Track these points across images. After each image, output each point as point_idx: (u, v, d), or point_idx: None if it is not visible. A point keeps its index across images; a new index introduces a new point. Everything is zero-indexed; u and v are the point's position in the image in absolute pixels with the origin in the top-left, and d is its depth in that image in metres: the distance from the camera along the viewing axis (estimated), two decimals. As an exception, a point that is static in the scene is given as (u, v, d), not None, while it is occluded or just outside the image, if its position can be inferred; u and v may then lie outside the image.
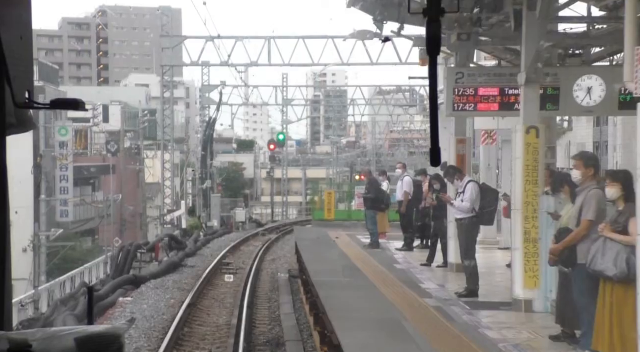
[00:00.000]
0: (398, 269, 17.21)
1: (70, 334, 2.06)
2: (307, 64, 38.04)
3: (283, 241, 39.21)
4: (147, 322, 17.82)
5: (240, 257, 31.82)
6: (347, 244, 22.83)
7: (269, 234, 43.36)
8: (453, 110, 15.36)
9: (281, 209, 69.38)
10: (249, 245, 37.17)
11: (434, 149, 2.22)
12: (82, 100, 2.40)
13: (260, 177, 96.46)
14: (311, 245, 22.36)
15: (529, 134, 12.01)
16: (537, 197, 11.90)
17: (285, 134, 59.52)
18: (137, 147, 55.52)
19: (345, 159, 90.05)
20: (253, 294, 22.20)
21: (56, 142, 42.58)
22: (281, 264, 28.94)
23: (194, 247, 32.09)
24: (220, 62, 38.22)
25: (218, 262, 28.62)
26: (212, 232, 42.65)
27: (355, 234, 26.11)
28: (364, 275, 16.16)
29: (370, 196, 20.81)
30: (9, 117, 2.24)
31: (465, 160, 16.42)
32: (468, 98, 15.25)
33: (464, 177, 13.71)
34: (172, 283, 24.25)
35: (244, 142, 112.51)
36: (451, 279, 15.82)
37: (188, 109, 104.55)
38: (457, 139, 16.51)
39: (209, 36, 36.92)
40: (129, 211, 54.31)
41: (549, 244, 11.08)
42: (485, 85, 15.18)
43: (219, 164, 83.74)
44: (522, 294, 12.00)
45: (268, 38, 37.63)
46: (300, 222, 53.08)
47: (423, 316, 11.80)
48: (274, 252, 33.40)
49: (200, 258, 30.97)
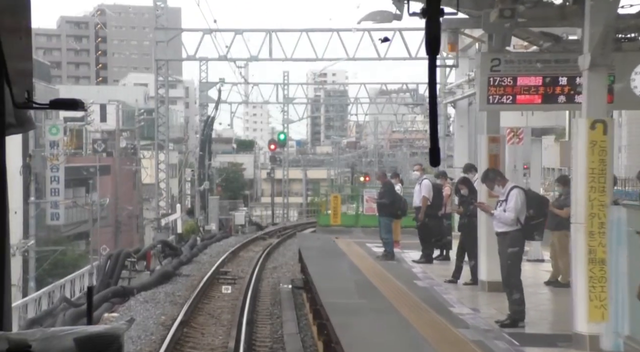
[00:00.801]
0: (420, 287, 14.80)
1: (70, 335, 2.08)
2: (311, 59, 35.54)
3: (285, 246, 36.80)
4: (132, 345, 15.45)
5: (239, 264, 29.42)
6: (357, 253, 20.42)
7: (270, 239, 40.97)
8: (488, 104, 12.96)
9: (282, 211, 66.93)
10: (249, 251, 34.77)
11: (434, 149, 2.23)
12: (81, 101, 2.39)
13: (260, 178, 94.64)
14: (318, 255, 19.96)
15: (594, 129, 9.61)
16: (605, 208, 9.52)
17: (287, 134, 57.06)
18: (134, 147, 53.03)
19: (346, 159, 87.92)
20: (253, 308, 19.82)
21: (47, 142, 40.12)
22: (283, 273, 26.55)
23: (190, 254, 29.60)
24: (219, 56, 35.71)
25: (215, 271, 26.27)
26: (210, 236, 40.14)
27: (364, 241, 23.71)
28: (381, 295, 13.77)
29: (385, 201, 18.39)
30: (8, 117, 2.26)
31: (498, 162, 14.01)
32: (506, 89, 12.85)
33: (506, 183, 11.29)
34: (164, 296, 21.84)
35: (244, 142, 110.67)
36: (485, 301, 13.43)
37: (188, 109, 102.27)
38: (489, 137, 14.07)
39: (207, 29, 34.43)
40: (127, 212, 51.91)
41: (621, 265, 8.74)
42: (526, 74, 12.78)
43: (218, 165, 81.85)
44: (586, 328, 9.60)
45: (269, 31, 35.08)
46: (302, 226, 50.74)
47: (464, 355, 9.43)
48: (275, 259, 31.00)
49: (197, 266, 28.55)
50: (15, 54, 2.23)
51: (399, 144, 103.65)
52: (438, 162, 2.21)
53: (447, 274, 16.57)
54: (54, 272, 37.66)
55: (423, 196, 17.96)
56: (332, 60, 35.21)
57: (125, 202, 51.77)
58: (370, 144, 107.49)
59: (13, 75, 2.21)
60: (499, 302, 12.24)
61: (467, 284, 14.91)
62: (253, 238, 40.33)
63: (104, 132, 57.35)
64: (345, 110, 75.55)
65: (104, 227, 51.84)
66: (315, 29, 35.71)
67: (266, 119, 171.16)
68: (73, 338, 2.05)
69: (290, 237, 41.76)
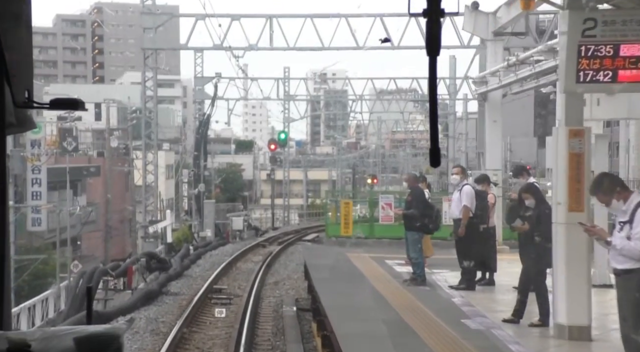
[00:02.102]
0: (473, 330, 10.91)
1: (70, 334, 2.06)
2: (316, 48, 31.38)
3: (286, 254, 32.90)
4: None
5: (235, 279, 25.53)
6: (377, 274, 16.55)
7: (270, 246, 37.08)
8: (577, 82, 9.10)
9: (282, 213, 62.99)
10: (247, 261, 30.87)
11: (434, 150, 2.21)
12: (81, 100, 2.39)
13: (260, 179, 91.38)
14: (329, 278, 16.09)
15: None
16: None
17: (287, 133, 53.06)
18: (126, 147, 49.08)
19: (347, 160, 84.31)
20: (250, 340, 16.01)
21: (27, 141, 36.16)
22: (286, 291, 22.70)
23: (181, 267, 25.62)
24: (214, 45, 31.66)
25: (209, 287, 22.45)
26: (204, 244, 36.12)
27: (382, 255, 19.86)
28: (424, 344, 9.91)
29: (414, 212, 14.47)
30: (8, 117, 2.27)
31: (582, 164, 10.12)
32: (603, 61, 9.00)
33: (629, 196, 7.40)
34: (145, 322, 17.93)
35: (243, 142, 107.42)
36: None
37: (185, 109, 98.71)
38: (570, 130, 10.13)
39: (201, 14, 30.39)
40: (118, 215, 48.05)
41: None
42: (633, 41, 8.94)
43: (216, 165, 78.26)
44: None
45: (269, 17, 30.94)
46: (304, 231, 46.82)
47: None
48: (276, 272, 27.09)
49: (187, 281, 24.66)
50: (15, 54, 2.22)
51: (402, 144, 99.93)
52: (438, 162, 2.18)
53: (496, 306, 12.83)
54: (34, 283, 33.79)
55: (464, 206, 14.06)
56: (340, 49, 31.09)
57: (116, 205, 47.89)
58: (372, 144, 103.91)
59: (13, 75, 2.20)
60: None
61: (534, 325, 11.04)
62: (252, 245, 36.43)
63: (94, 131, 53.41)
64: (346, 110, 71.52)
65: (93, 231, 48.13)
66: (321, 15, 31.63)
67: (265, 119, 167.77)
68: (73, 338, 2.03)
69: (292, 245, 37.89)
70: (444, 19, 2.04)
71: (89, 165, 49.09)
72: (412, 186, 15.15)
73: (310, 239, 42.09)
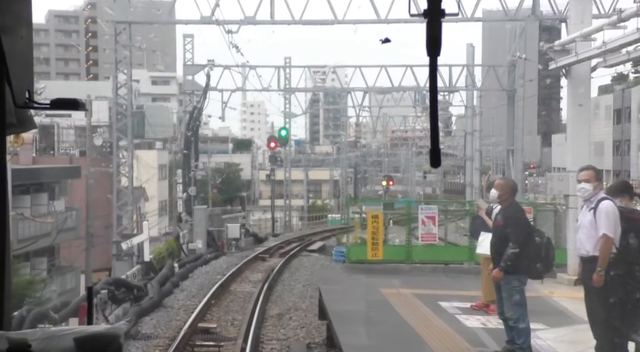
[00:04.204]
0: None
1: (70, 334, 2.01)
2: (327, 22, 24.98)
3: (290, 271, 26.94)
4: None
5: (228, 310, 19.52)
6: (438, 332, 10.55)
7: (271, 259, 31.11)
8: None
9: (283, 216, 56.95)
10: (244, 280, 24.85)
11: (434, 150, 2.16)
12: (82, 100, 2.28)
13: (258, 179, 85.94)
14: (361, 333, 10.10)
15: None
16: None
17: (288, 130, 46.97)
18: (110, 146, 43.02)
19: (348, 159, 78.60)
20: None
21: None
22: (293, 329, 16.77)
23: (159, 294, 19.54)
24: (201, 18, 25.42)
25: (192, 325, 16.56)
26: (194, 258, 29.93)
27: (429, 291, 13.91)
28: None
29: (515, 250, 8.48)
30: (9, 117, 2.20)
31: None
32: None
33: None
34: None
35: (241, 141, 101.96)
36: None
37: (181, 107, 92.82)
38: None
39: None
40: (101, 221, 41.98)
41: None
42: None
43: (213, 165, 72.63)
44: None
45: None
46: (307, 239, 40.86)
47: None
48: (280, 298, 21.06)
49: (165, 315, 18.61)
50: (15, 53, 2.16)
51: (404, 143, 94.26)
52: (439, 163, 2.12)
53: None
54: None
55: (603, 236, 8.07)
56: (357, 22, 24.88)
57: (100, 210, 41.82)
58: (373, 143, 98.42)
59: (13, 75, 2.13)
60: None
61: None
62: (250, 258, 30.41)
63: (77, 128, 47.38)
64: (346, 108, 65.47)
65: (73, 239, 42.29)
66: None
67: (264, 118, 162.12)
68: (73, 338, 1.97)
69: (295, 257, 31.92)
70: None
71: (69, 165, 43.26)
72: (504, 198, 9.09)
73: (316, 248, 36.32)
